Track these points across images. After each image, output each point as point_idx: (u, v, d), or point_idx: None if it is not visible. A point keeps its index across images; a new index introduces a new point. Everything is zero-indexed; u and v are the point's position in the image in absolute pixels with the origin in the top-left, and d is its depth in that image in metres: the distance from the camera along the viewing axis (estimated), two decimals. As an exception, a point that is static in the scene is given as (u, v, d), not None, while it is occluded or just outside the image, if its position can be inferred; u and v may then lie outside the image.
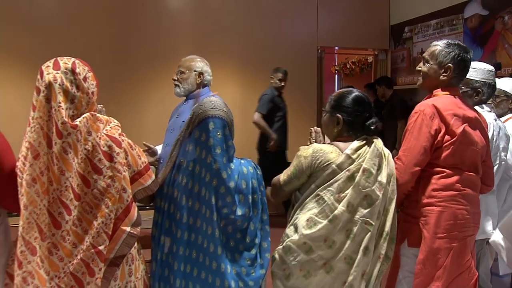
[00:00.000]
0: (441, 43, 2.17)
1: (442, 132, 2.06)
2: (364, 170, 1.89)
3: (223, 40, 5.73)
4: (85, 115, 1.67)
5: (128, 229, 1.69)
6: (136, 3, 5.48)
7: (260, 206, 1.96)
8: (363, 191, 1.88)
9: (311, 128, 2.15)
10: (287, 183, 2.01)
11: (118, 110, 3.41)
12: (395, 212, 1.98)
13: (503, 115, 3.00)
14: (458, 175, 2.07)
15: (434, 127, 2.05)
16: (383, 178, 1.92)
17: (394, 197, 1.96)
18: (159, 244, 1.91)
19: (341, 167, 1.90)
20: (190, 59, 3.00)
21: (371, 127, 1.98)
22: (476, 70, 2.54)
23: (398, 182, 2.01)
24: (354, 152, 1.92)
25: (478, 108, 2.40)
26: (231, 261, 1.88)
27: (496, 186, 2.51)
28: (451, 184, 2.06)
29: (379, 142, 1.98)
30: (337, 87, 8.77)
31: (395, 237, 2.01)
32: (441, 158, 2.07)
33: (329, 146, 1.97)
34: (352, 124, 1.99)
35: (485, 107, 2.69)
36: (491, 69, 2.62)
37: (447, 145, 2.06)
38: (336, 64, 8.77)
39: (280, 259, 1.94)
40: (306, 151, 1.97)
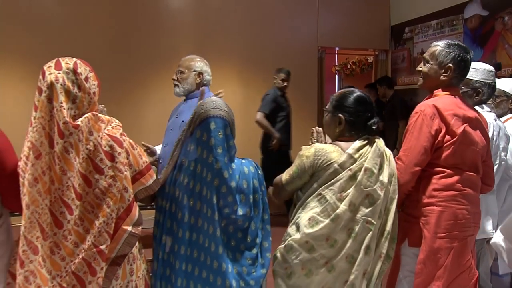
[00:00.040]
0: (441, 44, 2.18)
1: (443, 132, 2.07)
2: (366, 169, 1.89)
3: (223, 40, 5.72)
4: (86, 115, 1.67)
5: (129, 228, 1.70)
6: (136, 3, 5.47)
7: (261, 206, 1.96)
8: (365, 190, 1.88)
9: (313, 128, 2.16)
10: (289, 182, 2.02)
11: (118, 110, 3.40)
12: (396, 212, 1.98)
13: (503, 115, 3.01)
14: (458, 175, 2.07)
15: (435, 127, 2.06)
16: (384, 177, 1.92)
17: (395, 196, 1.97)
18: (161, 244, 1.91)
19: (343, 166, 1.90)
20: (190, 59, 2.98)
21: (372, 127, 1.99)
22: (476, 70, 2.55)
23: (399, 182, 2.02)
24: (356, 151, 1.93)
25: (478, 108, 2.41)
26: (232, 260, 1.88)
27: (496, 186, 2.52)
28: (451, 184, 2.06)
29: (380, 142, 1.99)
30: (337, 87, 8.78)
31: (396, 236, 2.01)
32: (442, 158, 2.07)
33: (331, 146, 1.97)
34: (354, 124, 1.99)
35: (485, 107, 2.70)
36: (491, 69, 2.62)
37: (447, 145, 2.07)
38: (336, 64, 8.78)
39: (282, 258, 1.95)
40: (308, 150, 1.97)
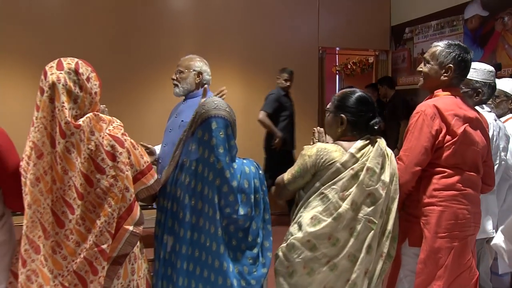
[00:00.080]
0: (441, 44, 2.18)
1: (443, 132, 2.07)
2: (368, 169, 1.90)
3: (224, 41, 5.73)
4: (88, 115, 1.67)
5: (131, 228, 1.70)
6: (136, 3, 5.47)
7: (262, 205, 1.96)
8: (367, 189, 1.89)
9: (314, 128, 2.16)
10: (291, 182, 2.02)
11: (119, 110, 3.40)
12: (397, 211, 1.99)
13: (503, 115, 3.02)
14: (459, 175, 2.08)
15: (435, 127, 2.06)
16: (386, 177, 1.93)
17: (396, 196, 1.97)
18: (162, 243, 1.91)
19: (345, 165, 1.91)
20: (189, 58, 2.97)
21: (374, 127, 2.00)
22: (476, 70, 2.55)
23: (399, 182, 2.02)
24: (358, 151, 1.93)
25: (478, 108, 2.41)
26: (234, 260, 1.88)
27: (496, 185, 2.52)
28: (452, 184, 2.06)
29: (382, 142, 1.99)
30: (338, 87, 8.78)
31: (397, 236, 2.02)
32: (442, 158, 2.07)
33: (333, 145, 1.98)
34: (356, 124, 2.00)
35: (485, 107, 2.70)
36: (491, 69, 2.63)
37: (448, 145, 2.07)
38: (337, 64, 8.78)
39: (284, 256, 1.95)
40: (310, 150, 1.98)
